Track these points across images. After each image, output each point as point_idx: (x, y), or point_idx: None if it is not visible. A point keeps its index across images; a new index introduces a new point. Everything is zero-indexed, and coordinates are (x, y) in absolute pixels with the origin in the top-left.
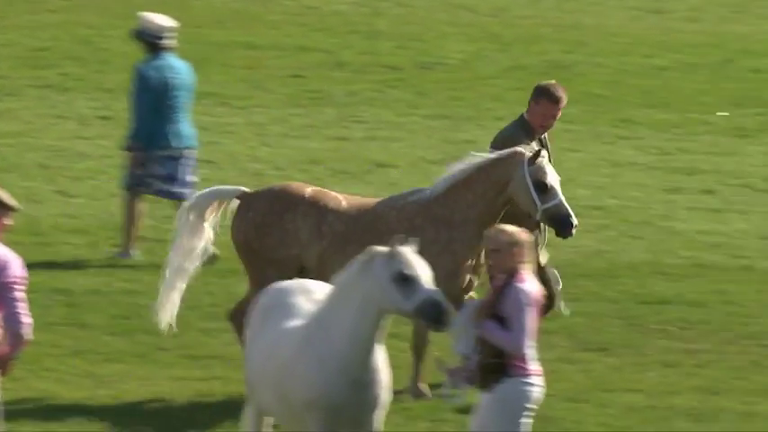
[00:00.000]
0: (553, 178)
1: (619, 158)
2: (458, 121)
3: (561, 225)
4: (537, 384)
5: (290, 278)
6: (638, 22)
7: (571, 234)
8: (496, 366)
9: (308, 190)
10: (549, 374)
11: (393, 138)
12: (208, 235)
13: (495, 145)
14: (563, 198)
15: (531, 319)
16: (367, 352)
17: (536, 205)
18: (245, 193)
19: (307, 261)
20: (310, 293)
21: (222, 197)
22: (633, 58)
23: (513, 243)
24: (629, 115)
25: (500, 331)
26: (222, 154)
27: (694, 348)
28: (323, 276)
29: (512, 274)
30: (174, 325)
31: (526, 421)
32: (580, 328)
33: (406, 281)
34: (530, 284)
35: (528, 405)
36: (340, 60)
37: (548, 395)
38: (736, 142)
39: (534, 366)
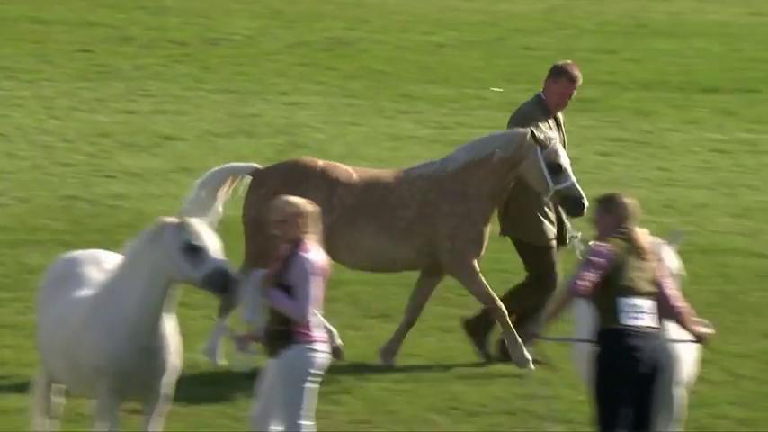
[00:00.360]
0: (565, 160)
1: (399, 132)
2: (243, 95)
3: (573, 205)
4: (321, 351)
5: None
6: (418, 0)
7: (582, 214)
8: (282, 333)
9: (320, 164)
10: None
11: (180, 111)
12: (218, 211)
13: (514, 121)
14: (575, 179)
15: (316, 288)
16: (156, 319)
17: (548, 186)
18: (257, 169)
19: None
20: (100, 263)
21: (235, 174)
22: (412, 35)
23: (299, 214)
24: (408, 90)
25: (285, 299)
26: (11, 126)
27: (470, 315)
28: (332, 248)
29: (297, 243)
30: None
31: (311, 386)
32: (363, 295)
33: (194, 251)
34: (314, 254)
35: (312, 370)
36: (127, 35)
37: (332, 361)
38: (508, 117)
39: (319, 333)
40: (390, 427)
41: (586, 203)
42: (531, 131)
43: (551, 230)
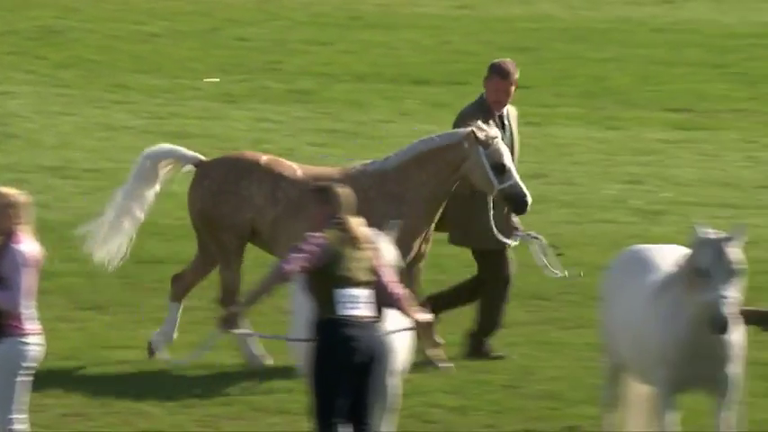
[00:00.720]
0: (508, 159)
1: (112, 122)
2: None
3: (517, 204)
4: (34, 343)
5: (245, 242)
6: None
7: (526, 212)
8: None
9: (264, 158)
10: (47, 333)
11: None
12: (157, 187)
13: (456, 124)
14: (518, 177)
15: (28, 279)
16: None
17: (493, 185)
18: (201, 161)
19: (260, 225)
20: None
21: (179, 159)
22: (124, 25)
23: (10, 204)
24: (121, 80)
25: None
26: None
27: (191, 306)
28: (275, 241)
29: (9, 235)
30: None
31: (24, 379)
32: (77, 287)
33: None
34: (27, 245)
35: (25, 364)
36: None
37: (47, 353)
38: (224, 107)
39: (31, 326)
40: (106, 420)
41: (530, 200)
42: (472, 131)
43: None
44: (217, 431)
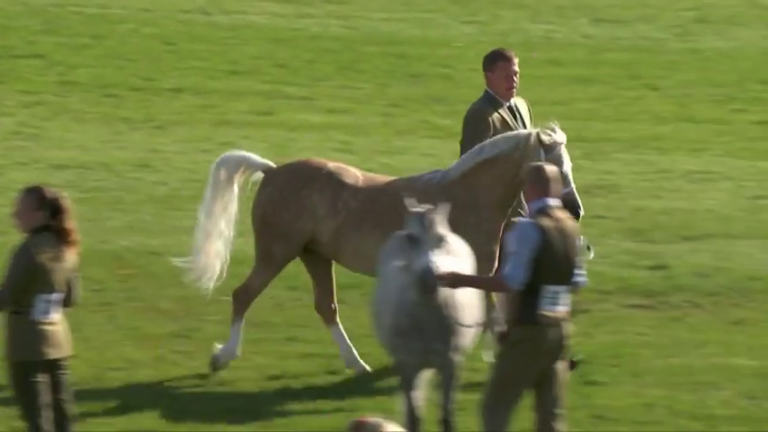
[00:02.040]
0: (567, 166)
1: None
2: None
3: (570, 212)
4: None
5: (294, 254)
6: None
7: (577, 221)
8: None
9: (329, 165)
10: None
11: None
12: (235, 197)
13: (467, 121)
14: (574, 186)
15: None
16: None
17: None
18: (269, 167)
19: (320, 236)
20: None
21: (248, 165)
22: None
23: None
24: None
25: None
26: None
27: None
28: (335, 253)
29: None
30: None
31: None
32: None
33: None
34: None
35: None
36: None
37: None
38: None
39: None
40: None
41: (582, 212)
42: (539, 132)
43: None
44: None
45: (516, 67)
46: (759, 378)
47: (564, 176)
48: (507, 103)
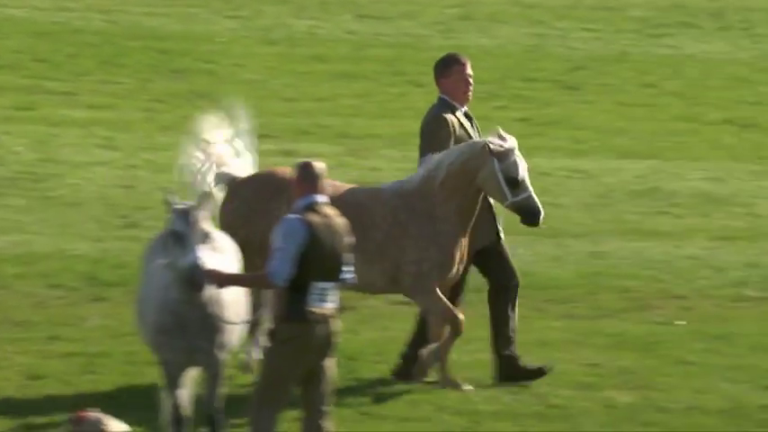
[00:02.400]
0: (524, 172)
1: None
2: None
3: (530, 217)
4: None
5: None
6: None
7: (537, 225)
8: None
9: None
10: None
11: None
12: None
13: (427, 128)
14: (532, 190)
15: None
16: None
17: (506, 197)
18: (233, 179)
19: None
20: None
21: (218, 179)
22: None
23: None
24: None
25: None
26: None
27: None
28: None
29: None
30: None
31: None
32: None
33: None
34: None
35: None
36: None
37: None
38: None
39: None
40: None
41: (543, 215)
42: (486, 144)
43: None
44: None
45: (471, 71)
46: None
47: (521, 181)
48: (463, 109)
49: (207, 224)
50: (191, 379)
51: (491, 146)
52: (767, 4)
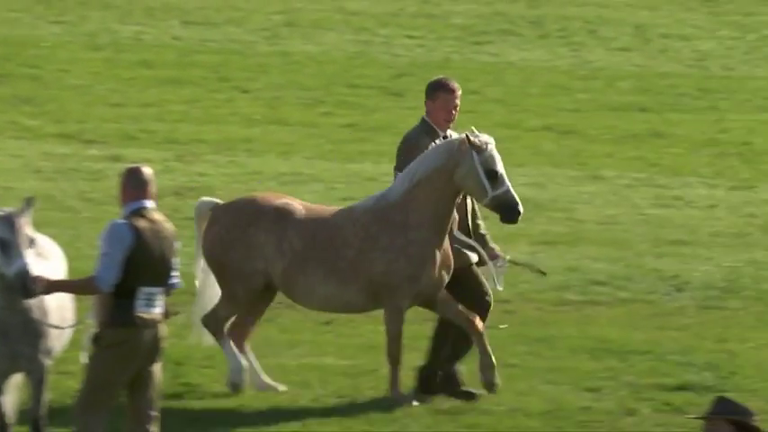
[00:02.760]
0: (500, 165)
1: None
2: None
3: (509, 212)
4: None
5: (255, 293)
6: None
7: (517, 221)
8: None
9: (275, 203)
10: None
11: None
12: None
13: (402, 149)
14: (510, 185)
15: None
16: None
17: (486, 192)
18: (216, 205)
19: (273, 275)
20: None
21: (200, 209)
22: None
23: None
24: None
25: None
26: None
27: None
28: (289, 294)
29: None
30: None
31: None
32: None
33: None
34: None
35: None
36: None
37: None
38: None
39: None
40: None
41: (522, 210)
42: (467, 135)
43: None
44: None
45: (458, 100)
46: (347, 377)
47: (499, 176)
48: (443, 134)
49: (31, 229)
50: (14, 385)
51: (471, 137)
52: (585, 13)
